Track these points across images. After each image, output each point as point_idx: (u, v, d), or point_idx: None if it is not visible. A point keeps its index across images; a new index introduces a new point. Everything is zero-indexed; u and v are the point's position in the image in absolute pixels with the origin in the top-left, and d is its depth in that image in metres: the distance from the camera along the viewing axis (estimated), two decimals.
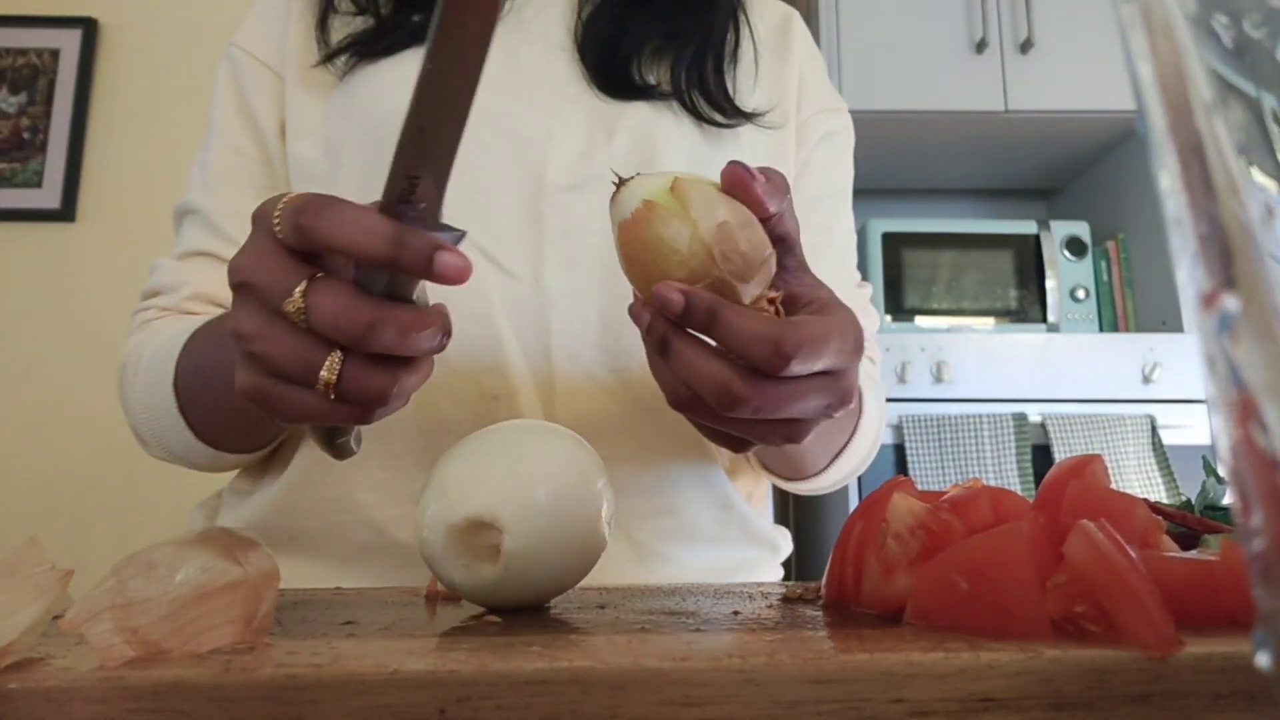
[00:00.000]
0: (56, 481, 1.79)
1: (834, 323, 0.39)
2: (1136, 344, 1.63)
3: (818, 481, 0.67)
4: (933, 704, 0.25)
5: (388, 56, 0.63)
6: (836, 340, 0.38)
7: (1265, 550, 0.16)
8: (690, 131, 0.65)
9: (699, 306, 0.36)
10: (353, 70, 0.64)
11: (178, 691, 0.24)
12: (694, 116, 0.66)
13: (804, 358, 0.37)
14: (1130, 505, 0.34)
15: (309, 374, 0.36)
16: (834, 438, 0.63)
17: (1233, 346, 0.16)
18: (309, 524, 0.61)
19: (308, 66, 0.66)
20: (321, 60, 0.65)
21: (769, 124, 0.69)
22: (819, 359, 0.37)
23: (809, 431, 0.42)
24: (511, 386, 0.59)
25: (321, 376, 0.36)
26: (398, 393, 0.37)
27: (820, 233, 0.73)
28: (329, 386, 0.36)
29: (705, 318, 0.36)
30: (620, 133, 0.64)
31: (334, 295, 0.35)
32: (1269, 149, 0.18)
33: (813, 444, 0.60)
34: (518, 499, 0.35)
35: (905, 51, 1.81)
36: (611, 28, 0.66)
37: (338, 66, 0.64)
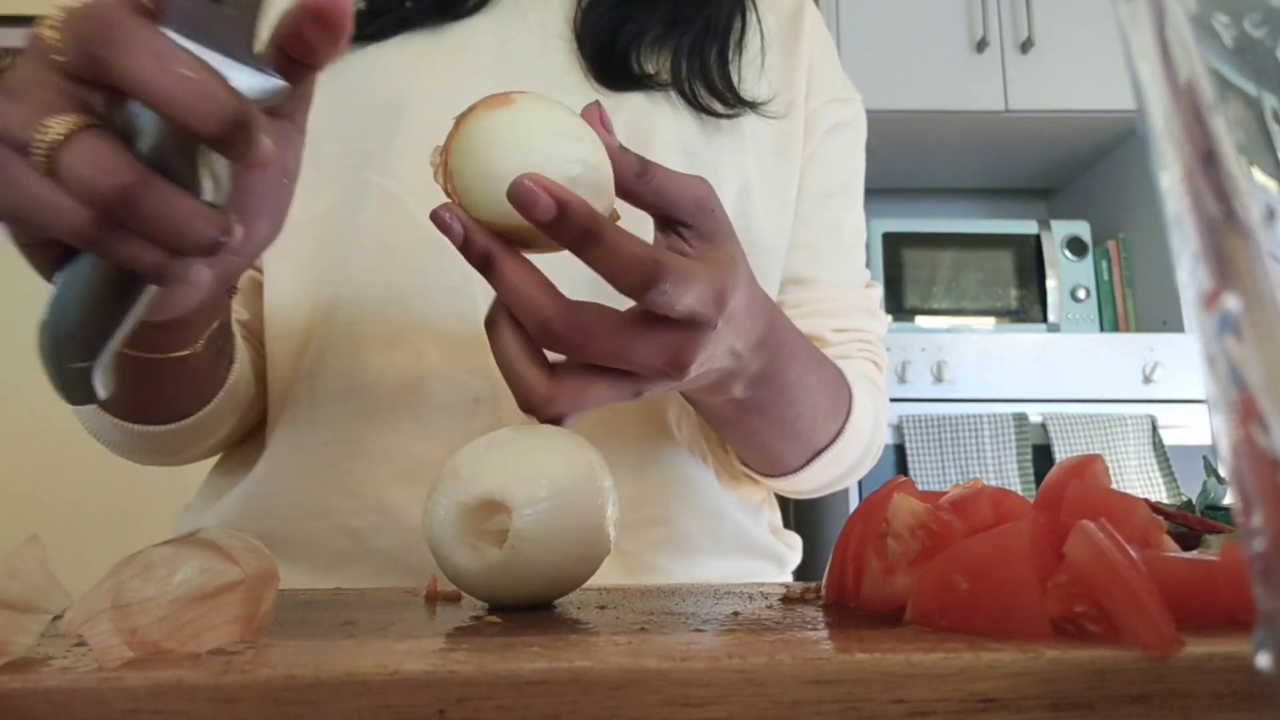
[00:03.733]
0: (56, 482, 1.79)
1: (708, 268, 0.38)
2: (1137, 344, 1.63)
3: (799, 482, 0.65)
4: (933, 704, 0.25)
5: (375, 42, 0.62)
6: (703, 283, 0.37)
7: (1266, 550, 0.16)
8: (688, 122, 0.64)
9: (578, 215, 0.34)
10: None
11: (177, 691, 0.24)
12: (693, 107, 0.64)
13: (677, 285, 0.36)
14: (1131, 505, 0.34)
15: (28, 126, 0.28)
16: (811, 437, 0.61)
17: (1233, 346, 0.16)
18: (283, 529, 0.59)
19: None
20: None
21: (771, 113, 0.67)
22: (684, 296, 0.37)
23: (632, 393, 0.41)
24: (494, 390, 0.58)
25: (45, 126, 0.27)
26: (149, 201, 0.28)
27: (827, 230, 0.71)
28: (48, 152, 0.27)
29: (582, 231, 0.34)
30: (616, 124, 0.62)
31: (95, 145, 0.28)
32: (1269, 148, 0.18)
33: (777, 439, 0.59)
34: (528, 481, 0.36)
35: (905, 51, 1.81)
36: (611, 16, 0.64)
37: None
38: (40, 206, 0.28)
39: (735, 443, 0.63)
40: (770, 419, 0.56)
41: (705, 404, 0.54)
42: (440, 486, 0.37)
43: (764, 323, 0.47)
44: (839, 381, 0.61)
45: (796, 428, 0.59)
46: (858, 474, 0.69)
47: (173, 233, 0.29)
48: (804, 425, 0.59)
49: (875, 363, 0.72)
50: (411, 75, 0.62)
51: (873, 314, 0.73)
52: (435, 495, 0.37)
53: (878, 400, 0.68)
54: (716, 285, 0.39)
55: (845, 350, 0.70)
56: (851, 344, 0.70)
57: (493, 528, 0.36)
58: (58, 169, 0.28)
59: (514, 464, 0.37)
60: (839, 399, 0.61)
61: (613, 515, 0.39)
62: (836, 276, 0.71)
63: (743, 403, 0.52)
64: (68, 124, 0.28)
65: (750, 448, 0.62)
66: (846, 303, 0.71)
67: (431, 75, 0.62)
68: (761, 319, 0.47)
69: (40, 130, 0.27)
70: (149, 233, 0.29)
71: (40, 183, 0.28)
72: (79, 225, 0.28)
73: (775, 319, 0.50)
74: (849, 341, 0.70)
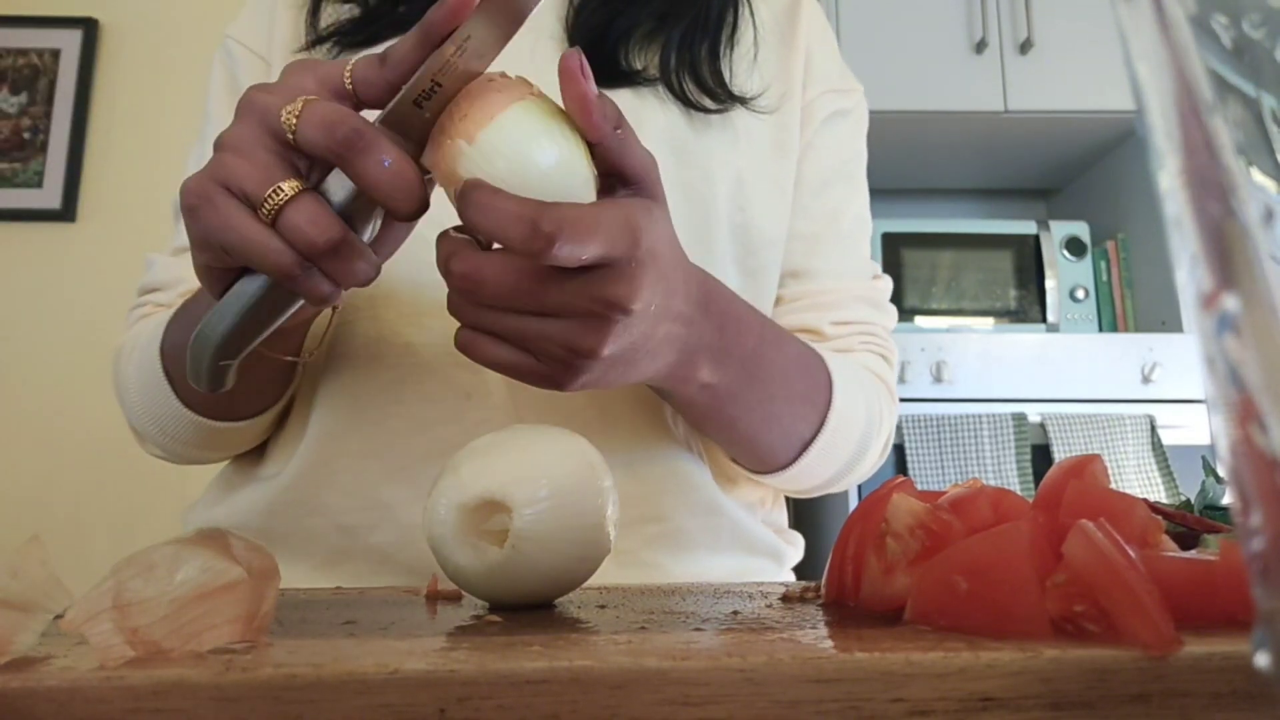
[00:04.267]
0: (56, 482, 1.79)
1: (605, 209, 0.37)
2: (1136, 344, 1.63)
3: (795, 478, 0.63)
4: (932, 703, 0.25)
5: (370, 47, 0.62)
6: (607, 225, 0.36)
7: (1264, 550, 0.16)
8: (676, 118, 0.63)
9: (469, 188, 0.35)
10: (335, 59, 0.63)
11: (178, 691, 0.24)
12: (681, 102, 0.63)
13: (569, 239, 0.35)
14: (1130, 505, 0.34)
15: (261, 188, 0.36)
16: (793, 424, 0.59)
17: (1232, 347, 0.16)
18: (280, 527, 0.59)
19: (292, 52, 0.65)
20: (306, 46, 0.64)
21: (762, 108, 0.66)
22: (587, 243, 0.36)
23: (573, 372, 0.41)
24: (485, 385, 0.58)
25: (278, 189, 0.36)
26: (338, 262, 0.37)
27: (825, 220, 0.70)
28: (275, 208, 0.36)
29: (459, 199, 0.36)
30: None
31: (330, 106, 0.36)
32: (1268, 149, 0.18)
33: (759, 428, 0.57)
34: (529, 481, 0.36)
35: (905, 51, 1.81)
36: (602, 14, 0.64)
37: (321, 54, 0.63)
38: (257, 247, 0.36)
39: (719, 439, 0.61)
40: (745, 405, 0.55)
41: (680, 395, 0.53)
42: (441, 486, 0.37)
43: (697, 285, 0.46)
44: (810, 361, 0.60)
45: (772, 410, 0.57)
46: (861, 469, 0.67)
47: (349, 273, 0.38)
48: (779, 408, 0.57)
49: (883, 356, 0.70)
50: None
51: (878, 306, 0.71)
52: (435, 495, 0.37)
53: (877, 391, 0.66)
54: (626, 221, 0.38)
55: (846, 344, 0.68)
56: (853, 337, 0.68)
57: (493, 527, 0.36)
58: (281, 222, 0.36)
59: (514, 464, 0.37)
60: (812, 379, 0.59)
61: (613, 515, 0.39)
62: (835, 267, 0.70)
63: (714, 388, 0.51)
64: (293, 187, 0.36)
65: (735, 443, 0.60)
66: (846, 294, 0.69)
67: None
68: (694, 280, 0.46)
69: (275, 192, 0.36)
70: (332, 272, 0.38)
71: (261, 229, 0.36)
72: (285, 264, 0.37)
73: (715, 286, 0.49)
74: (850, 335, 0.68)
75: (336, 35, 0.63)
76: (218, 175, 0.37)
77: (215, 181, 0.37)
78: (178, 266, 0.65)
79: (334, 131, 0.35)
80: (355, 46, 0.62)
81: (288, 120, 0.36)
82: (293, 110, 0.36)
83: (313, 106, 0.36)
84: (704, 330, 0.47)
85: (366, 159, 0.35)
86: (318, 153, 0.36)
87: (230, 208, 0.37)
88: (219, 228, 0.37)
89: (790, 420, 0.59)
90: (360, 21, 0.63)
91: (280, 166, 0.37)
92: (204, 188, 0.37)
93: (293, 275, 0.37)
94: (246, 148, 0.37)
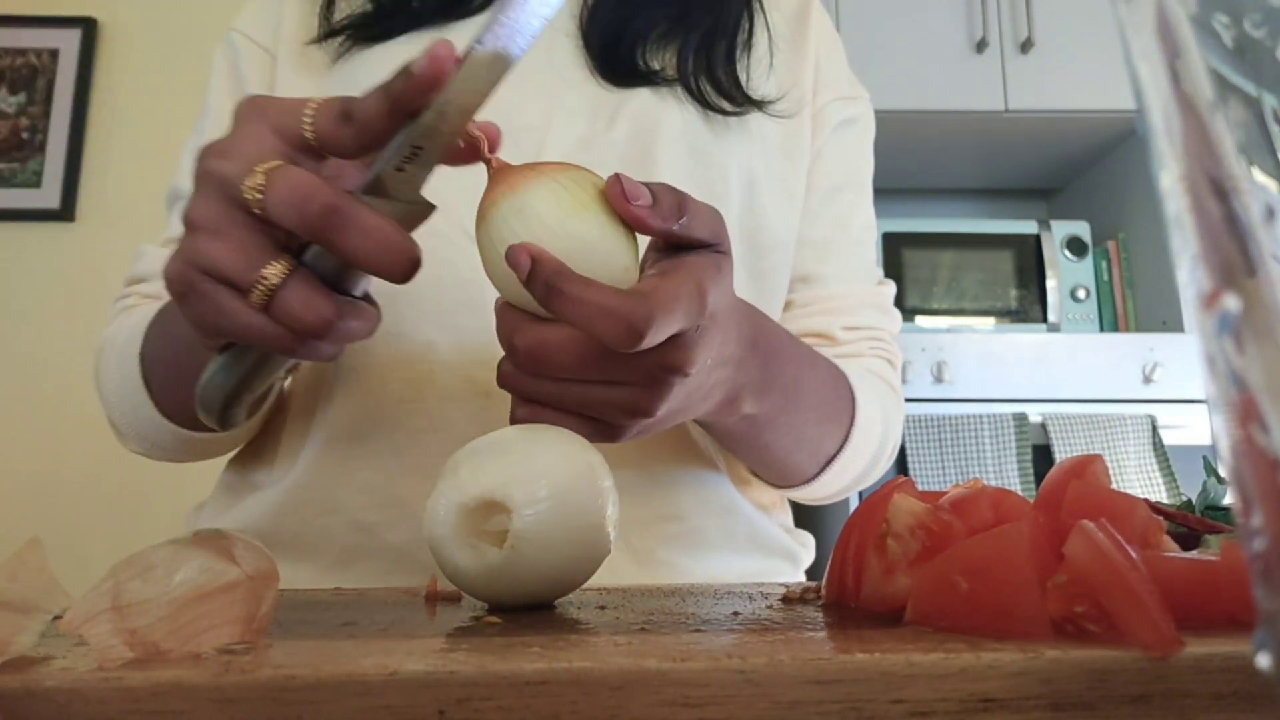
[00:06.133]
0: (56, 481, 1.79)
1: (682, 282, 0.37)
2: (1137, 344, 1.63)
3: (814, 490, 0.65)
4: (933, 704, 0.25)
5: (381, 42, 0.62)
6: (685, 303, 0.37)
7: (1266, 550, 0.16)
8: (694, 119, 0.64)
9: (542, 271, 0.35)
10: (347, 54, 0.63)
11: (177, 692, 0.24)
12: (699, 104, 0.64)
13: (657, 330, 0.35)
14: (1130, 505, 0.34)
15: (247, 272, 0.34)
16: (820, 444, 0.61)
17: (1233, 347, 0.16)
18: (294, 527, 0.59)
19: (301, 45, 0.65)
20: (318, 38, 0.64)
21: (779, 112, 0.67)
22: (670, 328, 0.36)
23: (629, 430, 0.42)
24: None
25: (262, 276, 0.34)
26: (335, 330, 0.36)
27: (835, 226, 0.71)
28: (266, 294, 0.34)
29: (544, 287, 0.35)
30: (621, 120, 0.62)
31: (296, 176, 0.34)
32: (1269, 149, 0.18)
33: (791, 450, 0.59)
34: (528, 481, 0.36)
35: (905, 51, 1.81)
36: (618, 13, 0.64)
37: (332, 48, 0.63)
38: (254, 333, 0.36)
39: (749, 460, 0.62)
40: (780, 431, 0.56)
41: (719, 426, 0.54)
42: (440, 486, 0.37)
43: (750, 325, 0.47)
44: (838, 379, 0.61)
45: (805, 433, 0.58)
46: (873, 476, 0.68)
47: (349, 336, 0.38)
48: (811, 431, 0.59)
49: (889, 361, 0.71)
50: None
51: (885, 311, 0.72)
52: (435, 495, 0.37)
53: (888, 399, 0.67)
54: (698, 291, 0.38)
55: (856, 348, 0.69)
56: (863, 342, 0.69)
57: (493, 528, 0.36)
58: (274, 308, 0.35)
59: (514, 464, 0.37)
60: (840, 398, 0.61)
61: (613, 515, 0.39)
62: (846, 273, 0.71)
63: (754, 418, 0.52)
64: (277, 273, 0.35)
65: (764, 463, 0.62)
66: (856, 299, 0.70)
67: None
68: (748, 321, 0.47)
69: (261, 280, 0.35)
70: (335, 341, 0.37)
71: (254, 316, 0.35)
72: (284, 343, 0.36)
73: (761, 321, 0.50)
74: (860, 340, 0.69)
75: (350, 30, 0.63)
76: (197, 261, 0.36)
77: (196, 268, 0.36)
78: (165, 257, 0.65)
79: (306, 209, 0.34)
80: (368, 41, 0.63)
81: (251, 195, 0.34)
82: (254, 185, 0.34)
83: (277, 179, 0.34)
84: (751, 368, 0.48)
85: (346, 234, 0.34)
86: (292, 229, 0.35)
87: (219, 296, 0.35)
88: (211, 316, 0.36)
89: (819, 440, 0.60)
90: (373, 16, 0.64)
91: (258, 245, 0.35)
92: (187, 275, 0.36)
93: (293, 350, 0.37)
94: (218, 226, 0.35)
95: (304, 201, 0.34)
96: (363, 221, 0.34)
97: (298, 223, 0.34)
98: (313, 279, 0.36)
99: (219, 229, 0.35)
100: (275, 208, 0.34)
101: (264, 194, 0.34)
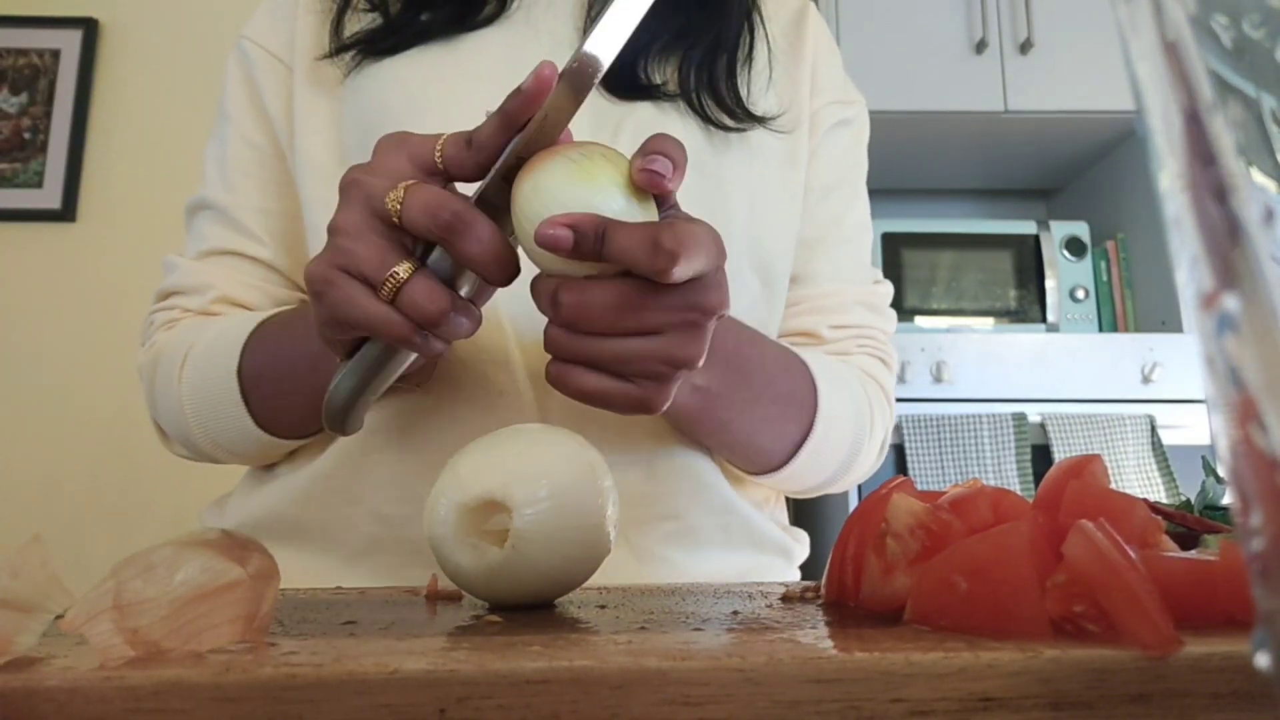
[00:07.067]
0: (57, 481, 1.79)
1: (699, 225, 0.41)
2: (1136, 344, 1.63)
3: (792, 478, 0.65)
4: (932, 704, 0.25)
5: (392, 55, 0.63)
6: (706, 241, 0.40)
7: (1264, 550, 0.16)
8: (695, 133, 0.64)
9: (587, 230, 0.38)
10: (358, 68, 0.64)
11: (178, 691, 0.24)
12: (700, 118, 0.65)
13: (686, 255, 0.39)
14: (1130, 505, 0.34)
15: (381, 269, 0.40)
16: (782, 426, 0.61)
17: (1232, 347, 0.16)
18: (317, 515, 0.61)
19: (314, 60, 0.66)
20: (329, 54, 0.64)
21: (780, 128, 0.68)
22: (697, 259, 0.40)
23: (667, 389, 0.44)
24: (516, 384, 0.59)
25: (394, 274, 0.40)
26: (448, 322, 0.41)
27: (826, 225, 0.71)
28: (395, 288, 0.40)
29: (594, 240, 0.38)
30: (624, 133, 0.63)
31: (429, 191, 0.40)
32: (1268, 149, 0.18)
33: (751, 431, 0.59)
34: (529, 481, 0.36)
35: (905, 51, 1.81)
36: None
37: (344, 63, 0.64)
38: (380, 323, 0.41)
39: (714, 443, 0.63)
40: (734, 406, 0.57)
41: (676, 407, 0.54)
42: (441, 486, 0.37)
43: None
44: (788, 357, 0.62)
45: (761, 413, 0.59)
46: (858, 469, 0.68)
47: (458, 332, 0.42)
48: (768, 410, 0.59)
49: (881, 359, 0.71)
50: (424, 86, 0.62)
51: (877, 310, 0.72)
52: (436, 495, 0.37)
53: (868, 391, 0.68)
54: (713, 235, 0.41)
55: (844, 347, 0.69)
56: (850, 341, 0.70)
57: (493, 527, 0.36)
58: (400, 300, 0.40)
59: (514, 464, 0.37)
60: (793, 376, 0.61)
61: (613, 515, 0.39)
62: (836, 271, 0.71)
63: (704, 390, 0.53)
64: (407, 270, 0.41)
65: (729, 445, 0.62)
66: (845, 298, 0.70)
67: (443, 86, 0.62)
68: None
69: (392, 275, 0.40)
70: (444, 333, 0.42)
71: (381, 307, 0.41)
72: (404, 334, 0.41)
73: None
74: (848, 339, 0.70)
75: (360, 44, 0.64)
76: (337, 261, 0.41)
77: (335, 267, 0.41)
78: (202, 272, 0.66)
79: (436, 216, 0.39)
80: (378, 55, 0.64)
81: (393, 206, 0.40)
82: (396, 197, 0.40)
83: (414, 192, 0.40)
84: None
85: (466, 239, 0.39)
86: (422, 234, 0.40)
87: (352, 289, 0.41)
88: (344, 307, 0.41)
89: (780, 420, 0.61)
90: (383, 31, 0.64)
91: (392, 249, 0.41)
92: (326, 273, 0.42)
93: (411, 341, 0.42)
94: (358, 232, 0.41)
95: (436, 210, 0.39)
96: (479, 230, 0.40)
97: (428, 228, 0.39)
98: (434, 277, 0.41)
99: (360, 234, 0.41)
100: (411, 216, 0.40)
101: (402, 205, 0.40)
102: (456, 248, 0.40)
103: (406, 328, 0.41)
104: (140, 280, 0.69)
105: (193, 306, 0.65)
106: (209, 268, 0.66)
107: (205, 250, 0.67)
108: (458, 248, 0.40)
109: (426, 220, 0.39)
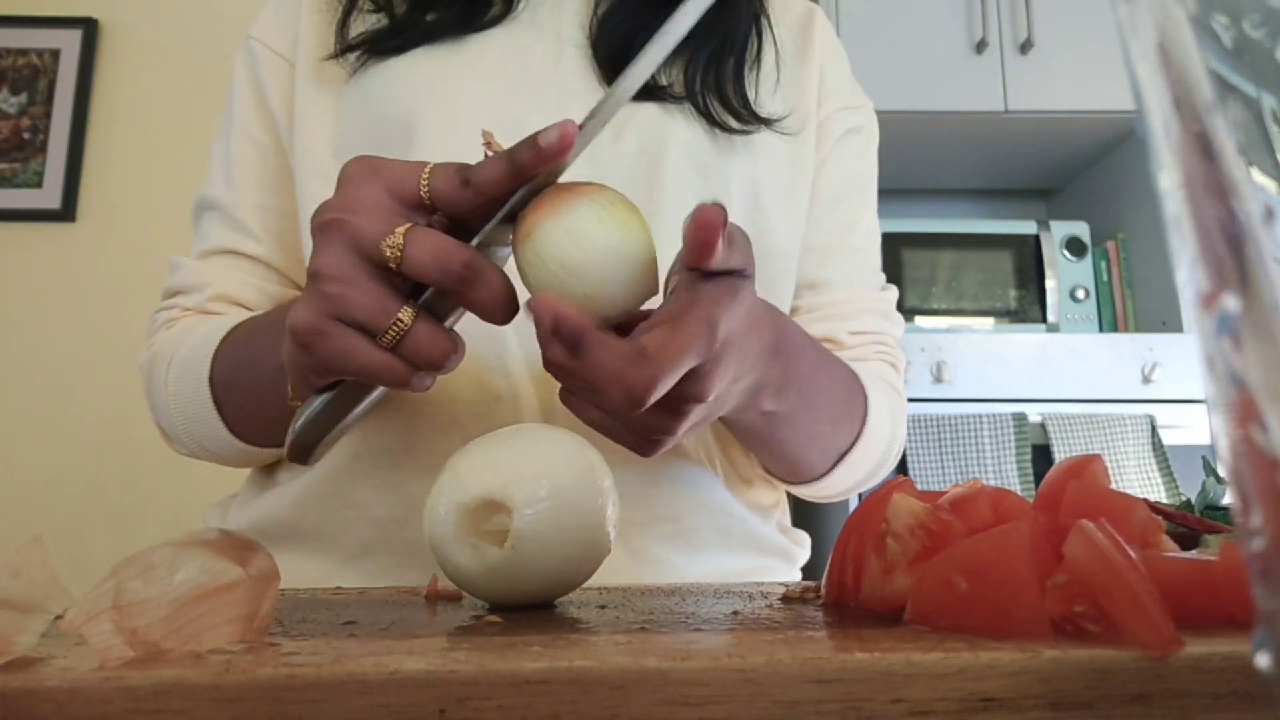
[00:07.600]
0: (57, 481, 1.79)
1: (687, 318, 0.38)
2: (1136, 344, 1.63)
3: (823, 487, 0.66)
4: (932, 704, 0.25)
5: (397, 55, 0.63)
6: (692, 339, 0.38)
7: (1265, 550, 0.16)
8: (700, 135, 0.64)
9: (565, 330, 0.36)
10: (363, 67, 0.64)
11: (178, 691, 0.24)
12: (706, 121, 0.64)
13: (662, 384, 0.37)
14: (1130, 505, 0.34)
15: (380, 320, 0.39)
16: (833, 440, 0.62)
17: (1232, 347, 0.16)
18: (313, 520, 0.61)
19: (318, 59, 0.66)
20: (335, 54, 0.65)
21: (786, 130, 0.67)
22: (676, 375, 0.38)
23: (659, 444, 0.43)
24: (514, 388, 0.59)
25: (397, 321, 0.39)
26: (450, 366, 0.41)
27: (839, 232, 0.72)
28: (398, 337, 0.39)
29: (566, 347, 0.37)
30: (628, 133, 0.63)
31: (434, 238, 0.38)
32: (1269, 149, 0.18)
33: (805, 446, 0.60)
34: (529, 481, 0.36)
35: (905, 51, 1.81)
36: (627, 25, 0.65)
37: (349, 63, 0.64)
38: (382, 370, 0.40)
39: (763, 455, 0.64)
40: (796, 427, 0.57)
41: (737, 421, 0.55)
42: (440, 486, 0.37)
43: (771, 333, 0.48)
44: (852, 381, 0.62)
45: (818, 431, 0.60)
46: (878, 477, 0.69)
47: (451, 367, 0.41)
48: (825, 428, 0.60)
49: (893, 365, 0.72)
50: (430, 87, 0.62)
51: (888, 316, 0.73)
52: (436, 495, 0.37)
53: (895, 402, 0.69)
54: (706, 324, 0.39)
55: (862, 353, 0.70)
56: (868, 346, 0.71)
57: (493, 528, 0.36)
58: (404, 347, 0.39)
59: (514, 464, 0.37)
60: (854, 398, 0.62)
61: (613, 515, 0.39)
62: (850, 278, 0.72)
63: (772, 415, 0.53)
64: (410, 315, 0.39)
65: (777, 458, 0.63)
66: (861, 305, 0.71)
67: (448, 87, 0.62)
68: (768, 330, 0.48)
69: (398, 324, 0.39)
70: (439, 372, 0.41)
71: (383, 356, 0.40)
72: (405, 379, 0.40)
73: (783, 326, 0.51)
74: (865, 344, 0.71)
75: (365, 45, 0.64)
76: (328, 309, 0.39)
77: (328, 316, 0.39)
78: (203, 270, 0.66)
79: (447, 267, 0.38)
80: (383, 55, 0.64)
81: (391, 253, 0.38)
82: (395, 244, 0.38)
83: (418, 239, 0.38)
84: (772, 370, 0.49)
85: (477, 289, 0.39)
86: (429, 282, 0.39)
87: (349, 339, 0.39)
88: (341, 359, 0.40)
89: (832, 437, 0.62)
90: (388, 31, 0.64)
91: (389, 295, 0.39)
92: (318, 324, 0.39)
93: (405, 383, 0.41)
94: (349, 278, 0.39)
95: (446, 261, 0.38)
96: (489, 277, 0.39)
97: (439, 278, 0.38)
98: (433, 320, 0.40)
99: (351, 279, 0.39)
100: (419, 264, 0.38)
101: (404, 252, 0.38)
102: (467, 297, 0.39)
103: (405, 372, 0.40)
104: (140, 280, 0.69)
105: (191, 305, 0.66)
106: (209, 267, 0.66)
107: (207, 249, 0.67)
108: (468, 297, 0.39)
109: (436, 270, 0.38)
